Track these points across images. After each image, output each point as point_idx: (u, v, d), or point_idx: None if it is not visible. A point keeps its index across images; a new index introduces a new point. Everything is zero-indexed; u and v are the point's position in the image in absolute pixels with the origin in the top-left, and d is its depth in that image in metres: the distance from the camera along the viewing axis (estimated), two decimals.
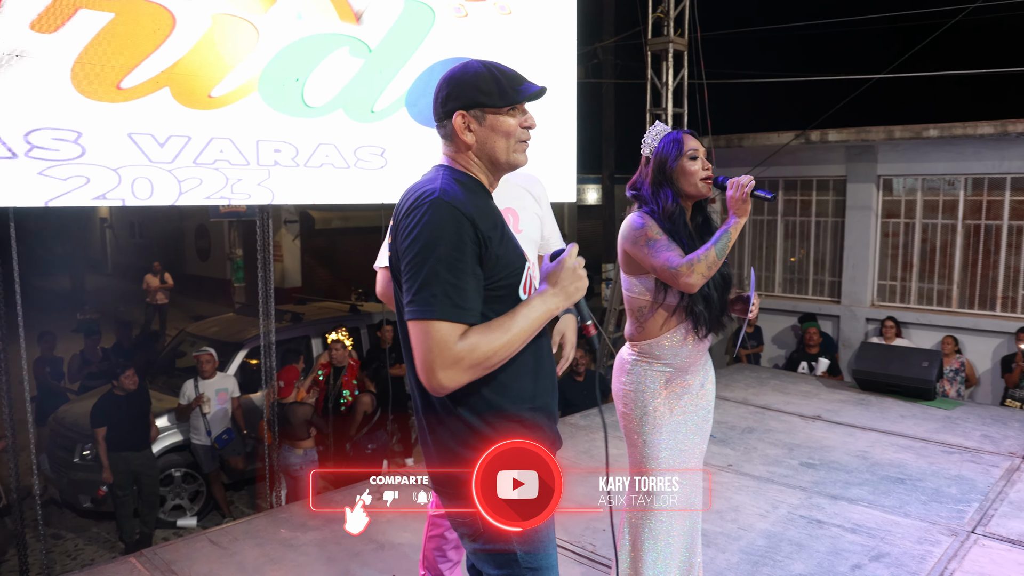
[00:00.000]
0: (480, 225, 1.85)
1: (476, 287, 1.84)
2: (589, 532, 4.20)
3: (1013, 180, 9.67)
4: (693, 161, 2.78)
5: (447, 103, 1.97)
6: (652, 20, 9.22)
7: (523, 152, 2.02)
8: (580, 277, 1.94)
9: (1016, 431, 6.02)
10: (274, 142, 5.05)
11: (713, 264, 2.59)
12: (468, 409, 1.94)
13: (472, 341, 1.79)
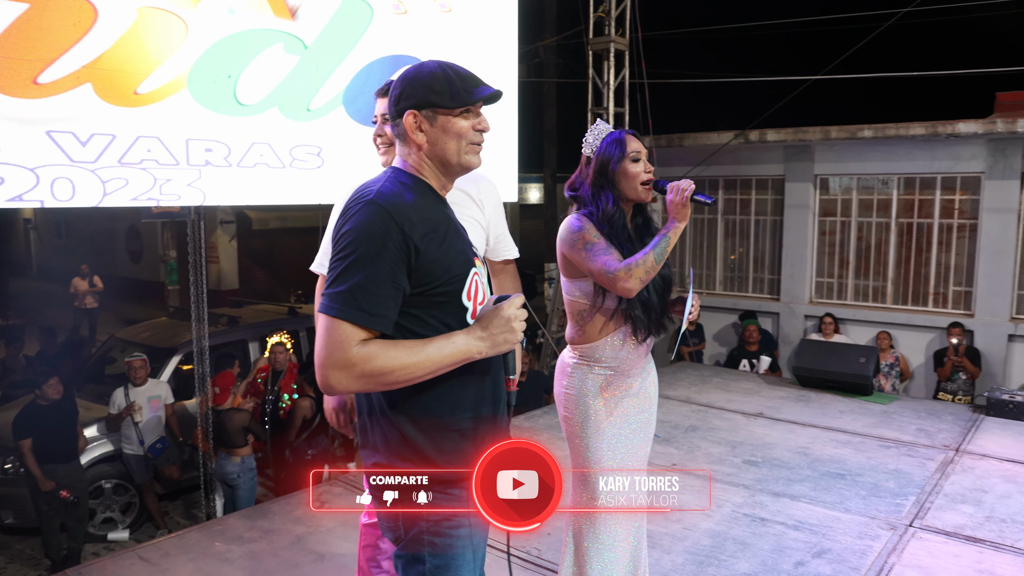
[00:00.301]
0: (412, 231, 1.81)
1: (392, 295, 1.80)
2: (534, 537, 4.13)
3: (943, 180, 9.90)
4: (635, 163, 2.72)
5: (399, 102, 1.94)
6: (593, 20, 9.22)
7: (476, 154, 1.98)
8: (512, 330, 1.87)
9: (949, 424, 6.13)
10: (205, 141, 4.88)
11: (651, 269, 2.55)
12: (404, 416, 1.89)
13: (370, 351, 1.76)
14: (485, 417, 1.97)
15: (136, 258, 19.59)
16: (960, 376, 8.69)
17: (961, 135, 9.35)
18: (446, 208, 2.01)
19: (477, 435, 1.95)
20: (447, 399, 1.90)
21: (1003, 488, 4.73)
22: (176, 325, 8.76)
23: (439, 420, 1.90)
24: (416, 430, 1.89)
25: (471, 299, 1.93)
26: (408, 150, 1.97)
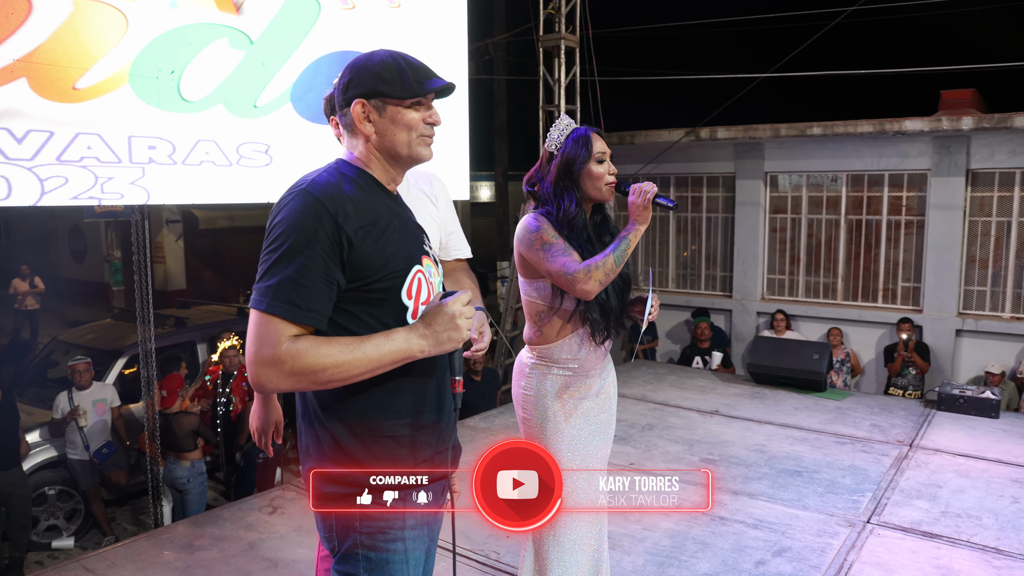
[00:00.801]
0: (346, 222, 1.73)
1: (325, 289, 1.72)
2: (492, 540, 4.07)
3: (891, 177, 10.04)
4: (600, 164, 2.68)
5: (348, 90, 1.87)
6: (543, 16, 9.15)
7: (426, 146, 1.92)
8: (457, 328, 1.78)
9: (902, 419, 6.20)
10: (148, 138, 4.71)
11: (611, 271, 2.50)
12: (338, 420, 1.82)
13: (301, 347, 1.68)
14: (426, 423, 1.89)
15: (79, 258, 19.08)
16: (910, 371, 8.82)
17: (908, 133, 9.49)
18: (393, 203, 1.93)
19: (416, 441, 1.88)
20: (384, 402, 1.83)
21: (957, 483, 4.78)
22: (121, 327, 8.54)
23: (374, 425, 1.83)
24: (349, 435, 1.82)
25: (412, 297, 1.85)
26: (355, 141, 1.91)
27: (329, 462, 1.83)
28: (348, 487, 1.80)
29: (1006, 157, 9.20)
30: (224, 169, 5.04)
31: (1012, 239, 9.38)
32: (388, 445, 1.83)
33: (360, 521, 1.82)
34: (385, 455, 1.82)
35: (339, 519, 1.84)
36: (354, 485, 1.80)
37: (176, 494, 6.45)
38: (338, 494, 1.80)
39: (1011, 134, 9.03)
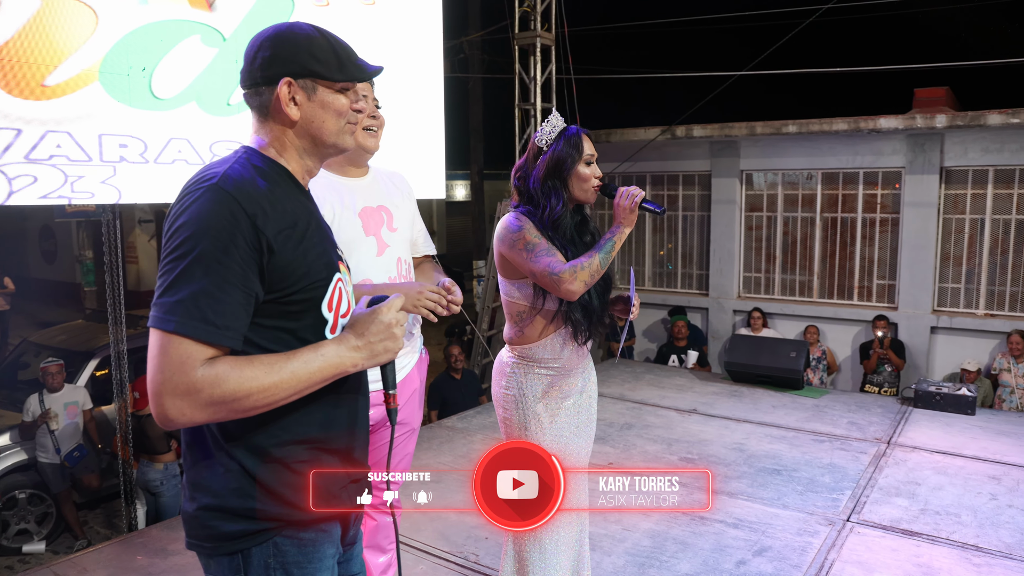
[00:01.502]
0: (265, 225, 1.51)
1: (243, 302, 1.49)
2: (471, 541, 4.04)
3: (865, 174, 10.10)
4: (588, 167, 2.66)
5: (271, 66, 1.61)
6: (519, 14, 9.11)
7: (351, 134, 1.71)
8: (394, 337, 1.61)
9: (879, 416, 6.22)
10: (119, 136, 4.62)
11: (596, 272, 2.50)
12: (246, 448, 1.58)
13: (219, 372, 1.44)
14: (341, 448, 1.71)
15: (50, 258, 18.82)
16: (885, 368, 8.87)
17: (882, 130, 9.54)
18: (308, 201, 1.72)
19: (346, 459, 1.72)
20: (300, 420, 1.61)
21: (935, 480, 4.80)
22: (93, 328, 8.45)
23: (292, 450, 1.61)
24: (260, 463, 1.58)
25: (332, 310, 1.65)
26: (270, 126, 1.66)
27: (233, 496, 1.58)
28: (260, 522, 1.59)
29: (979, 155, 9.28)
30: (197, 168, 4.94)
31: (985, 236, 9.46)
32: (307, 472, 1.62)
33: (275, 558, 1.62)
34: (303, 483, 1.61)
35: (247, 559, 1.61)
36: (269, 520, 1.60)
37: (150, 497, 6.36)
38: (248, 531, 1.59)
39: (984, 132, 9.10)
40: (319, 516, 1.64)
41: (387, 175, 2.90)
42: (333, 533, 1.73)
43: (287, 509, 1.60)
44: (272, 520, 1.60)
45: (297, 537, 1.63)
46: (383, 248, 2.73)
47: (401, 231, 2.82)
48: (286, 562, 1.62)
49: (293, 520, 1.61)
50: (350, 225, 2.63)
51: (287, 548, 1.62)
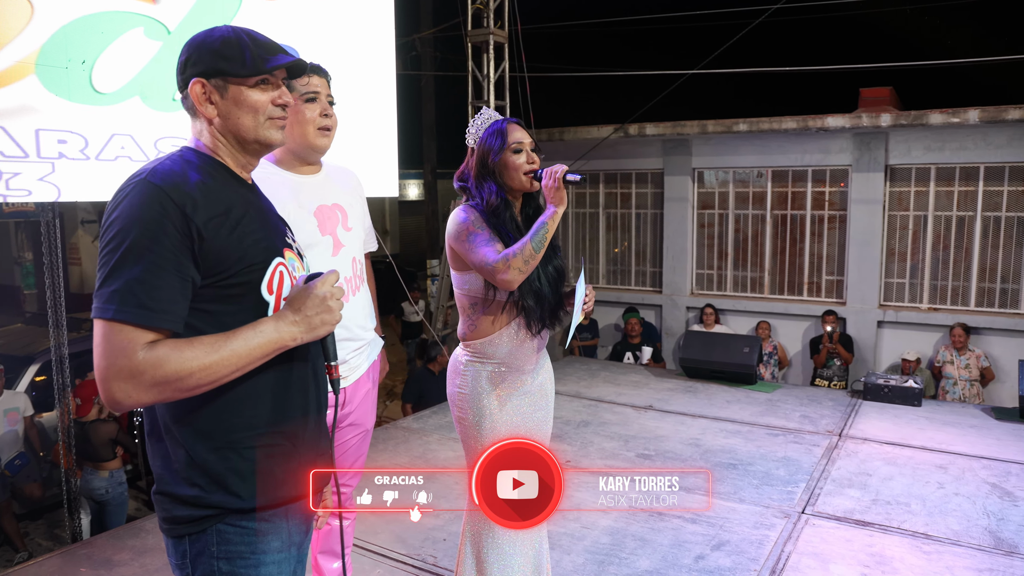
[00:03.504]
0: (195, 213, 1.57)
1: (179, 287, 1.55)
2: (429, 543, 4.00)
3: (814, 172, 10.27)
4: (517, 155, 2.61)
5: (185, 70, 1.71)
6: (472, 11, 9.08)
7: (276, 129, 1.76)
8: (329, 309, 1.66)
9: (830, 409, 6.33)
10: (58, 132, 4.47)
11: (530, 258, 2.42)
12: (194, 433, 1.63)
13: (160, 354, 1.50)
14: (290, 432, 1.73)
15: None
16: (835, 362, 9.03)
17: (829, 129, 9.72)
18: (249, 192, 1.78)
19: (296, 445, 1.74)
20: (248, 404, 1.66)
21: (886, 471, 4.89)
22: (33, 331, 8.24)
23: (239, 435, 1.65)
24: (207, 450, 1.63)
25: (273, 292, 1.70)
26: (199, 125, 1.74)
27: (179, 482, 1.63)
28: (204, 509, 1.63)
29: (922, 153, 9.50)
30: (141, 165, 4.84)
31: (928, 233, 9.69)
32: (255, 457, 1.66)
33: (218, 546, 1.64)
34: (249, 471, 1.65)
35: (193, 544, 1.65)
36: (211, 507, 1.62)
37: (95, 506, 6.20)
38: (193, 517, 1.63)
39: (926, 131, 9.32)
40: (263, 506, 1.66)
41: (339, 172, 2.86)
42: (279, 525, 1.72)
43: (230, 497, 1.63)
44: (215, 507, 1.63)
45: (240, 526, 1.66)
46: (338, 248, 2.70)
47: (355, 230, 2.79)
48: (229, 551, 1.65)
49: (236, 508, 1.64)
50: (307, 224, 2.59)
51: (231, 536, 1.65)
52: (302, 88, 2.57)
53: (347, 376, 2.74)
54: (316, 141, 2.61)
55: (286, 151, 2.64)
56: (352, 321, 2.70)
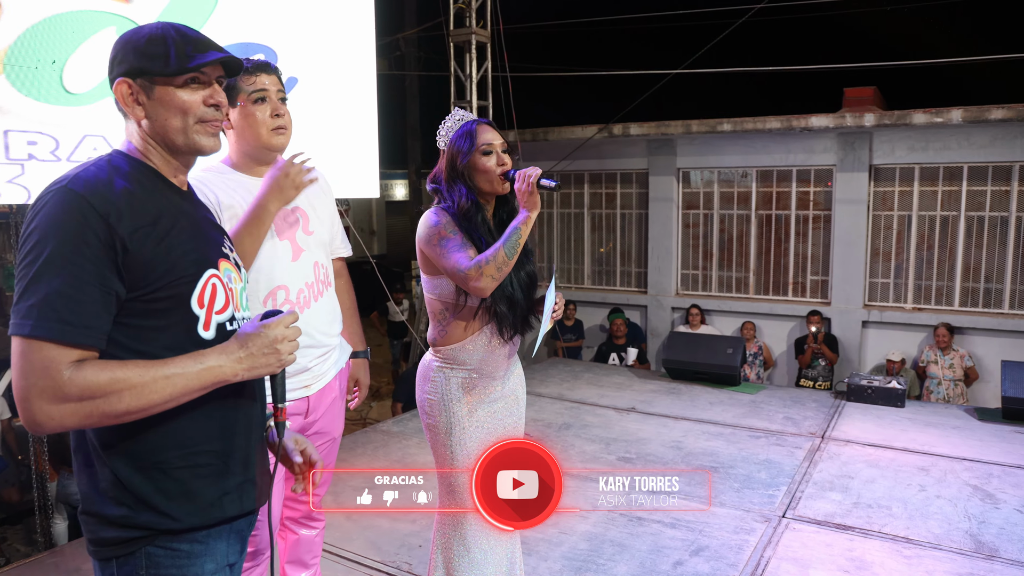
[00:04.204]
0: (118, 224, 1.49)
1: (102, 300, 1.47)
2: (404, 550, 3.94)
3: (798, 172, 10.25)
4: (487, 156, 2.54)
5: (111, 68, 1.63)
6: (454, 11, 9.02)
7: (209, 135, 1.67)
8: (277, 352, 1.59)
9: (813, 411, 6.29)
10: (28, 133, 4.37)
11: (503, 264, 2.36)
12: (122, 456, 1.55)
13: (88, 375, 1.42)
14: (224, 451, 1.66)
15: None
16: (820, 362, 9.01)
17: (814, 129, 9.70)
18: (181, 199, 1.69)
19: (228, 464, 1.66)
20: (182, 430, 1.58)
21: (868, 473, 4.85)
22: None
23: (167, 456, 1.58)
24: (134, 471, 1.55)
25: (204, 306, 1.61)
26: (129, 128, 1.66)
27: (106, 502, 1.55)
28: (133, 530, 1.56)
29: (906, 153, 9.49)
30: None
31: (912, 232, 9.68)
32: (184, 477, 1.59)
33: (147, 569, 1.58)
34: (178, 491, 1.58)
35: (121, 567, 1.58)
36: (139, 528, 1.56)
37: (71, 511, 6.11)
38: (120, 539, 1.56)
39: (910, 131, 9.32)
40: (194, 526, 1.61)
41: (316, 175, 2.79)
42: (213, 547, 1.66)
43: (159, 517, 1.57)
44: (143, 528, 1.56)
45: (171, 547, 1.59)
46: (298, 252, 2.63)
47: (318, 233, 2.71)
48: (159, 574, 1.59)
49: (165, 529, 1.58)
50: None
51: (160, 559, 1.59)
52: (249, 88, 2.48)
53: (311, 384, 2.69)
54: (271, 141, 2.53)
55: (242, 154, 2.57)
56: (314, 327, 2.65)
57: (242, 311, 1.76)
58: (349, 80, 6.08)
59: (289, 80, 5.57)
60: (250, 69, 2.49)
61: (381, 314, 12.33)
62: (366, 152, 6.32)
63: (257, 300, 2.52)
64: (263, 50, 5.41)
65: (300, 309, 2.60)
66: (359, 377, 3.08)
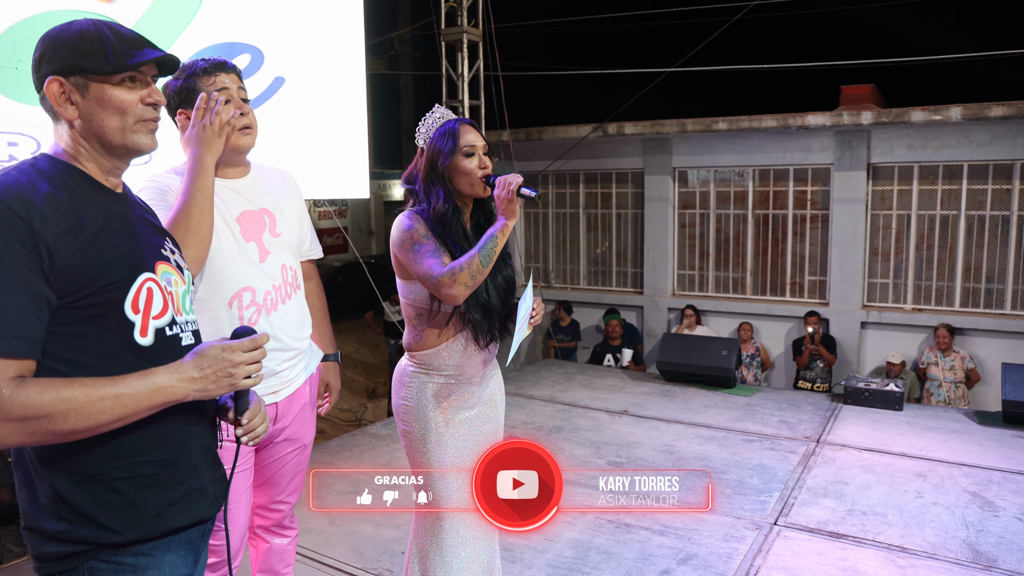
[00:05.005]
0: (42, 229, 1.43)
1: (31, 308, 1.40)
2: (387, 556, 3.86)
3: (795, 171, 10.13)
4: (469, 158, 2.46)
5: (40, 67, 1.56)
6: (445, 10, 8.92)
7: (147, 133, 1.62)
8: (231, 376, 1.55)
9: (809, 414, 6.17)
10: (9, 134, 4.29)
11: (478, 272, 2.28)
12: (62, 472, 1.50)
13: (30, 392, 1.37)
14: (168, 459, 1.60)
15: None
16: (818, 364, 8.89)
17: (810, 127, 9.58)
18: (114, 202, 1.63)
19: (173, 473, 1.60)
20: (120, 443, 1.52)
21: (863, 479, 4.73)
22: None
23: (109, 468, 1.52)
24: (73, 485, 1.50)
25: (139, 311, 1.55)
26: (59, 129, 1.59)
27: (46, 517, 1.50)
28: (73, 545, 1.51)
29: (904, 151, 9.37)
30: None
31: (912, 232, 9.56)
32: (125, 489, 1.53)
33: None
34: (120, 503, 1.52)
35: None
36: (81, 542, 1.51)
37: None
38: (62, 554, 1.51)
39: (908, 129, 9.19)
40: (137, 539, 1.55)
41: (272, 174, 2.69)
42: (160, 559, 1.59)
43: (100, 531, 1.52)
44: (84, 543, 1.52)
45: (114, 561, 1.55)
46: (265, 255, 2.54)
47: (286, 236, 2.62)
48: None
49: (107, 543, 1.53)
50: (223, 231, 2.43)
51: (104, 573, 1.54)
52: (209, 88, 2.38)
53: (279, 390, 2.60)
54: (237, 142, 2.43)
55: None
56: (282, 331, 2.57)
57: (185, 315, 1.70)
58: (338, 79, 5.98)
59: (276, 80, 5.48)
60: (208, 69, 2.41)
61: (376, 314, 12.24)
62: (356, 152, 6.23)
63: (223, 302, 2.44)
64: (249, 50, 5.32)
65: (267, 311, 2.52)
66: (330, 381, 2.99)
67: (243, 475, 2.52)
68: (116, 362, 1.50)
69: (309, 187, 5.77)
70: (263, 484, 2.72)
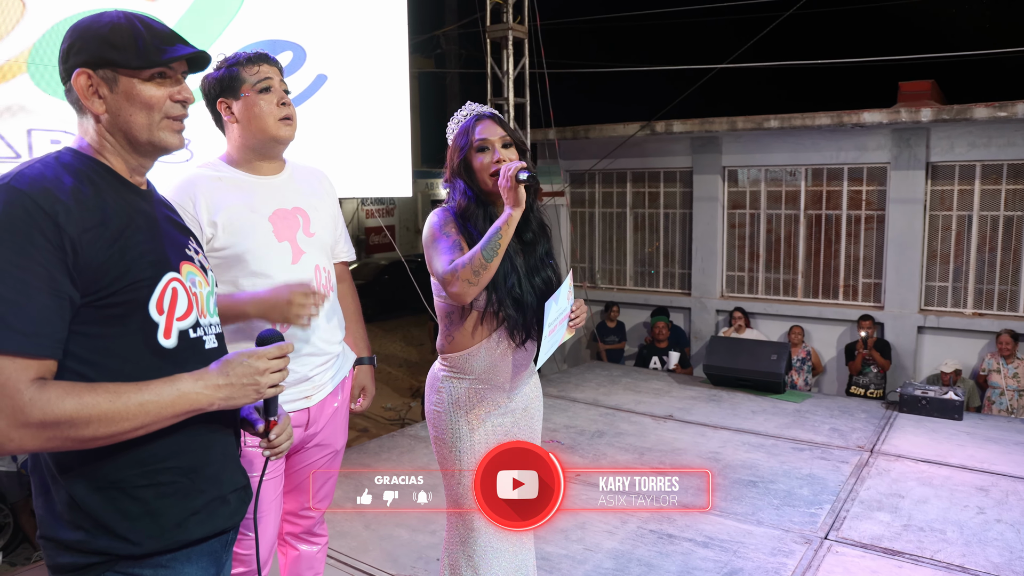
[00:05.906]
0: (67, 224, 1.36)
1: (53, 306, 1.34)
2: (422, 563, 3.78)
3: (850, 170, 9.84)
4: (481, 153, 2.37)
5: (68, 59, 1.49)
6: (491, 7, 8.82)
7: (174, 132, 1.55)
8: (256, 384, 1.51)
9: (862, 422, 5.95)
10: (51, 132, 4.29)
11: (481, 269, 2.16)
12: (73, 471, 1.44)
13: (52, 395, 1.31)
14: (189, 467, 1.55)
15: None
16: (871, 369, 8.62)
17: (866, 125, 9.28)
18: (139, 199, 1.56)
19: (195, 481, 1.55)
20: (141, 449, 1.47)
21: (920, 492, 4.51)
22: None
23: (128, 475, 1.47)
24: (91, 491, 1.44)
25: (163, 312, 1.49)
26: (84, 122, 1.53)
27: (63, 527, 1.45)
28: (90, 556, 1.45)
29: (966, 150, 9.03)
30: None
31: (973, 233, 9.21)
32: (145, 497, 1.47)
33: None
34: (139, 511, 1.46)
35: None
36: (98, 553, 1.44)
37: None
38: (78, 565, 1.45)
39: (970, 126, 8.86)
40: (156, 551, 1.49)
41: (306, 172, 2.63)
42: (179, 571, 1.53)
43: (117, 542, 1.46)
44: (101, 554, 1.46)
45: (131, 573, 1.49)
46: (299, 255, 2.47)
47: (320, 236, 2.55)
48: None
49: (125, 555, 1.47)
50: (258, 230, 2.37)
51: None
52: (253, 78, 2.36)
53: (312, 395, 2.52)
54: (279, 132, 2.39)
55: (244, 149, 2.42)
56: (315, 334, 2.49)
57: (208, 317, 1.64)
58: (381, 77, 5.92)
59: (318, 78, 5.43)
60: (252, 59, 2.40)
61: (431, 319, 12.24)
62: (399, 150, 6.16)
63: None
64: (291, 47, 5.29)
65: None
66: (364, 384, 2.91)
67: (272, 483, 2.45)
68: (139, 364, 1.45)
69: (352, 186, 5.71)
70: (293, 490, 2.66)
